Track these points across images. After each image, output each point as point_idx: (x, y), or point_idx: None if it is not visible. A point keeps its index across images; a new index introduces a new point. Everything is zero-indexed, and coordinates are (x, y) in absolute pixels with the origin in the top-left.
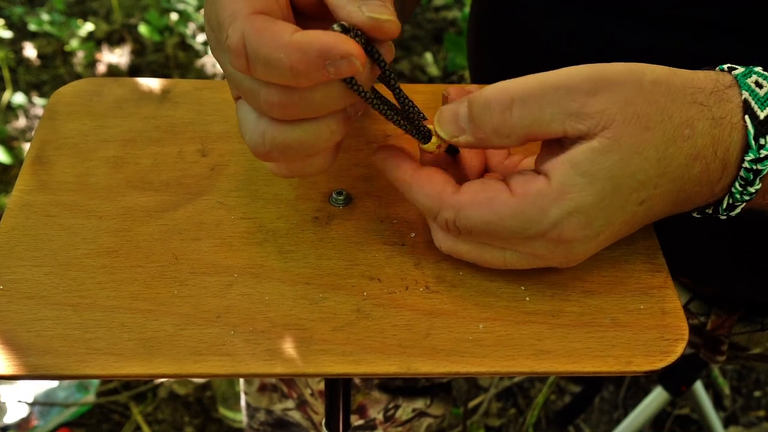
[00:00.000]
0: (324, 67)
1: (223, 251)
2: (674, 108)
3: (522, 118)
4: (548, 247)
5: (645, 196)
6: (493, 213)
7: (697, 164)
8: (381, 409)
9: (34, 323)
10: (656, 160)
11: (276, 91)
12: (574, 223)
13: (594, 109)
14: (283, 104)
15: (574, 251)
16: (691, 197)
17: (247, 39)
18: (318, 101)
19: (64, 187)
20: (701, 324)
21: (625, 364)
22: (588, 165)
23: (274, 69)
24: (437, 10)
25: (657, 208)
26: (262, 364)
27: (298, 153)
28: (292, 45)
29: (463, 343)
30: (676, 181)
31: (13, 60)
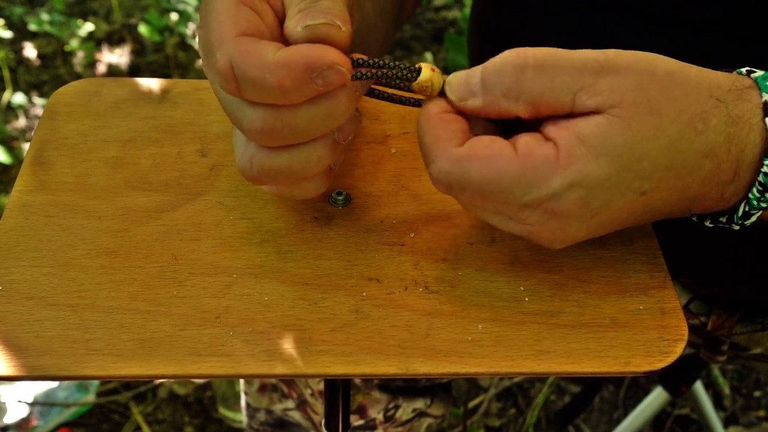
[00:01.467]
0: (312, 80)
1: (222, 252)
2: (688, 100)
3: (533, 82)
4: (541, 219)
5: (648, 187)
6: (492, 170)
7: (708, 162)
8: (381, 409)
9: (33, 324)
10: (666, 150)
11: (258, 117)
12: (573, 197)
13: (604, 87)
14: (265, 131)
15: (565, 229)
16: (697, 198)
17: (235, 62)
18: (300, 127)
19: (63, 188)
20: (702, 324)
21: (625, 364)
22: (595, 139)
23: (263, 89)
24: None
25: (658, 203)
26: (261, 364)
27: (288, 178)
28: (277, 63)
29: (462, 344)
30: (684, 178)
31: (13, 60)
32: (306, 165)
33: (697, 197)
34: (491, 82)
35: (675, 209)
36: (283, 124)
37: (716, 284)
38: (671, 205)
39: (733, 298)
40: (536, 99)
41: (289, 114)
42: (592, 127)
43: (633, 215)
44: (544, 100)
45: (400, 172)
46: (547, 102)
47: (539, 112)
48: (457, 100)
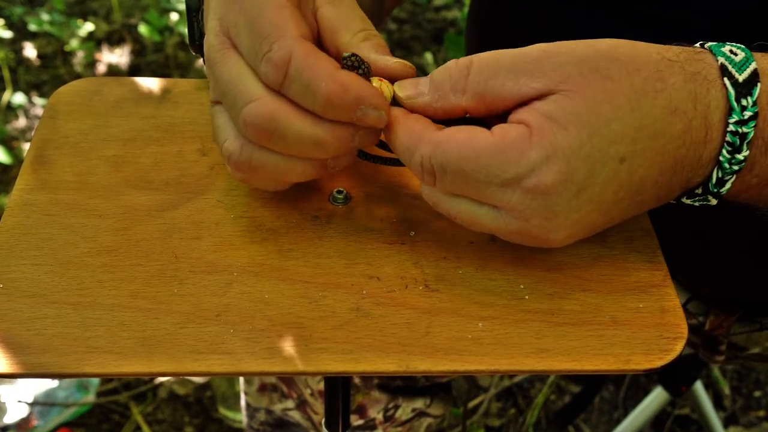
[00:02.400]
0: (355, 109)
1: (222, 250)
2: (640, 62)
3: (479, 73)
4: (525, 200)
5: (624, 151)
6: (470, 148)
7: (677, 120)
8: (381, 408)
9: (33, 322)
10: (629, 110)
11: (258, 112)
12: (553, 170)
13: (547, 68)
14: (262, 129)
15: (554, 211)
16: (678, 162)
17: (295, 58)
18: (289, 140)
19: (64, 186)
20: (700, 324)
21: (625, 362)
22: (557, 113)
23: (311, 93)
24: (437, 10)
25: (642, 171)
26: (261, 362)
27: (269, 175)
28: (338, 79)
29: (463, 342)
30: (657, 137)
31: (13, 60)
32: (291, 172)
33: (678, 160)
34: (439, 79)
35: (663, 177)
36: (277, 128)
37: (714, 284)
38: (657, 171)
39: (731, 298)
40: (482, 90)
41: (284, 124)
42: (550, 104)
43: (622, 193)
44: (490, 91)
45: (400, 171)
46: (493, 92)
47: (488, 105)
48: (406, 98)
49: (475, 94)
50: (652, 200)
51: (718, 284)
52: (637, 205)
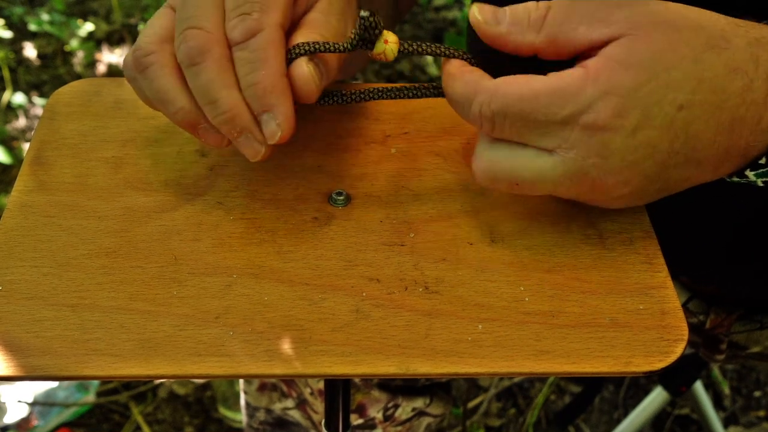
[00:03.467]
0: (263, 110)
1: (222, 252)
2: (706, 20)
3: (556, 15)
4: (583, 137)
5: (683, 100)
6: (528, 88)
7: (738, 78)
8: (380, 408)
9: (33, 324)
10: (692, 60)
11: (195, 39)
12: (610, 105)
13: (620, 16)
14: (187, 49)
15: (610, 147)
16: (737, 121)
17: (261, 36)
18: (199, 82)
19: (63, 188)
20: (700, 323)
21: (625, 364)
22: (620, 54)
23: (249, 67)
24: (437, 10)
25: (699, 123)
26: (261, 364)
27: (151, 93)
28: (274, 75)
29: (462, 344)
30: (717, 92)
31: (13, 60)
32: (168, 104)
33: (737, 119)
34: (517, 14)
35: (718, 143)
36: (200, 63)
37: (715, 283)
38: (714, 127)
39: (732, 297)
40: (556, 32)
41: (208, 65)
42: (614, 46)
43: (678, 144)
44: (563, 34)
45: (400, 172)
46: (565, 36)
47: (558, 48)
48: (483, 21)
49: (549, 35)
50: (709, 165)
51: (719, 283)
52: (694, 166)
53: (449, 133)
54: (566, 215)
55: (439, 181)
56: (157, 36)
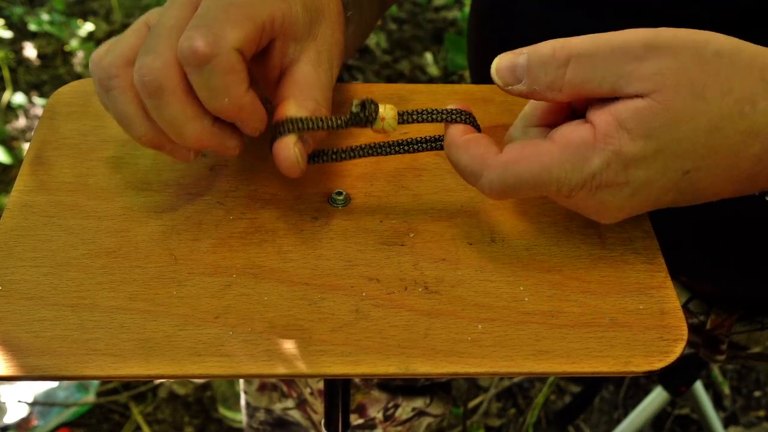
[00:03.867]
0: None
1: (221, 252)
2: (737, 81)
3: (575, 75)
4: (587, 195)
5: (691, 166)
6: (540, 165)
7: (757, 143)
8: (380, 408)
9: (32, 324)
10: (706, 132)
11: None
12: (613, 170)
13: (645, 73)
14: (144, 84)
15: (605, 202)
16: (753, 177)
17: (219, 59)
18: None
19: (63, 188)
20: (701, 323)
21: (624, 364)
22: (632, 123)
23: (209, 92)
24: (437, 10)
25: (704, 183)
26: (260, 364)
27: (117, 114)
28: (239, 101)
29: (462, 344)
30: (729, 157)
31: (13, 60)
32: (130, 126)
33: (753, 176)
34: (536, 74)
35: (724, 190)
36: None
37: (715, 283)
38: (719, 186)
39: (733, 297)
40: (578, 88)
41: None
42: (631, 111)
43: (681, 192)
44: (585, 90)
45: (399, 172)
46: (587, 91)
47: (582, 98)
48: (504, 84)
49: (571, 94)
50: (711, 199)
51: (719, 284)
52: (692, 201)
53: None
54: (566, 215)
55: (439, 181)
56: (122, 58)
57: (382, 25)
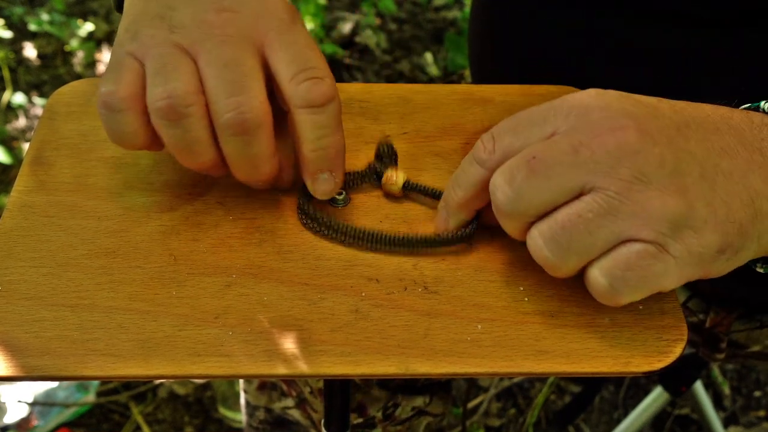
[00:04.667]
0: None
1: (221, 252)
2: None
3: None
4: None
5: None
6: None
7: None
8: (380, 407)
9: (32, 324)
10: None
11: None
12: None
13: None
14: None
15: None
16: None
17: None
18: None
19: (63, 188)
20: (700, 322)
21: (624, 364)
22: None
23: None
24: (437, 10)
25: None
26: (260, 364)
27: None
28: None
29: (462, 344)
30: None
31: (13, 60)
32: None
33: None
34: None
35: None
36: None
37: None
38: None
39: (732, 296)
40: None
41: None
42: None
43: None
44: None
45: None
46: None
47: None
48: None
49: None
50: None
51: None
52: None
53: (448, 133)
54: None
55: (439, 180)
56: (194, 86)
57: (382, 25)
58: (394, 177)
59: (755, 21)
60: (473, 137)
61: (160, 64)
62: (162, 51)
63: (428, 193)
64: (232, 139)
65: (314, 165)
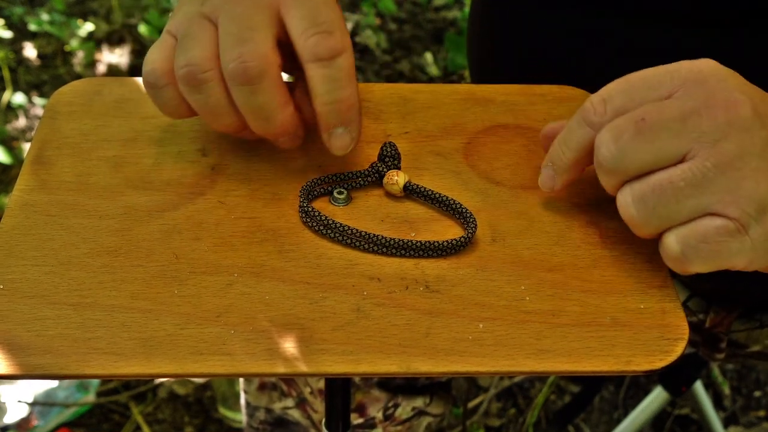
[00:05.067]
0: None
1: (223, 251)
2: None
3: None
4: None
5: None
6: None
7: None
8: (380, 407)
9: (34, 323)
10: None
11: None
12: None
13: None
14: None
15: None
16: None
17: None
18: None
19: (64, 187)
20: (700, 321)
21: (625, 363)
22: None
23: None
24: (437, 10)
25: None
26: (262, 363)
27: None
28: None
29: (463, 343)
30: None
31: (13, 60)
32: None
33: None
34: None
35: None
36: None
37: (715, 281)
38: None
39: (732, 296)
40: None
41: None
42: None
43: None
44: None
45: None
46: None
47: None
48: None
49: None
50: None
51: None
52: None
53: (450, 132)
54: (567, 214)
55: (440, 180)
56: (210, 52)
57: (382, 25)
58: (396, 178)
59: (755, 21)
60: (474, 137)
61: (184, 36)
62: (189, 23)
63: (429, 196)
64: (237, 89)
65: (327, 119)
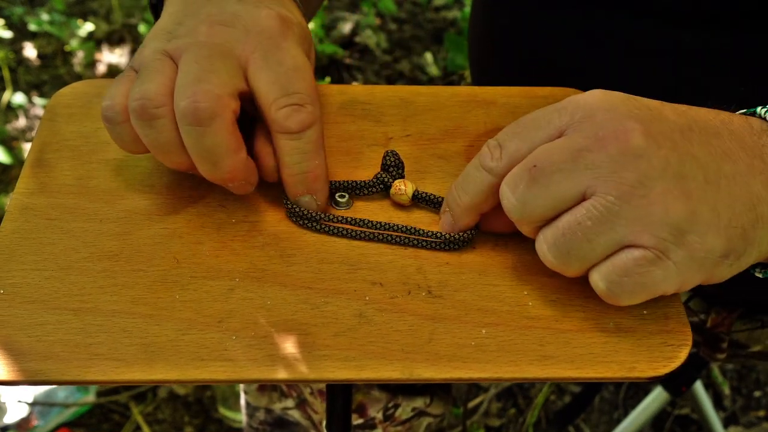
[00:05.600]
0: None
1: (224, 255)
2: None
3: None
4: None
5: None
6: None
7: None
8: (381, 408)
9: (34, 328)
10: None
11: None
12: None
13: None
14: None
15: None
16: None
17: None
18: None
19: (64, 190)
20: (701, 322)
21: (629, 369)
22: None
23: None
24: (437, 10)
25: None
26: (263, 369)
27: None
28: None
29: (466, 349)
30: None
31: (13, 60)
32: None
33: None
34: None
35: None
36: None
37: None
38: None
39: (733, 296)
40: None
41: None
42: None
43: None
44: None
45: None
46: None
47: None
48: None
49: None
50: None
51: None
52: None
53: (451, 135)
54: None
55: (442, 183)
56: (165, 87)
57: (382, 25)
58: (404, 188)
59: (755, 21)
60: (476, 139)
61: (143, 69)
62: (152, 58)
63: (438, 204)
64: (186, 128)
65: (294, 189)
